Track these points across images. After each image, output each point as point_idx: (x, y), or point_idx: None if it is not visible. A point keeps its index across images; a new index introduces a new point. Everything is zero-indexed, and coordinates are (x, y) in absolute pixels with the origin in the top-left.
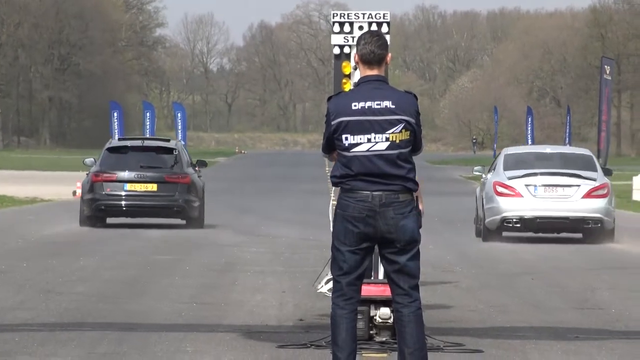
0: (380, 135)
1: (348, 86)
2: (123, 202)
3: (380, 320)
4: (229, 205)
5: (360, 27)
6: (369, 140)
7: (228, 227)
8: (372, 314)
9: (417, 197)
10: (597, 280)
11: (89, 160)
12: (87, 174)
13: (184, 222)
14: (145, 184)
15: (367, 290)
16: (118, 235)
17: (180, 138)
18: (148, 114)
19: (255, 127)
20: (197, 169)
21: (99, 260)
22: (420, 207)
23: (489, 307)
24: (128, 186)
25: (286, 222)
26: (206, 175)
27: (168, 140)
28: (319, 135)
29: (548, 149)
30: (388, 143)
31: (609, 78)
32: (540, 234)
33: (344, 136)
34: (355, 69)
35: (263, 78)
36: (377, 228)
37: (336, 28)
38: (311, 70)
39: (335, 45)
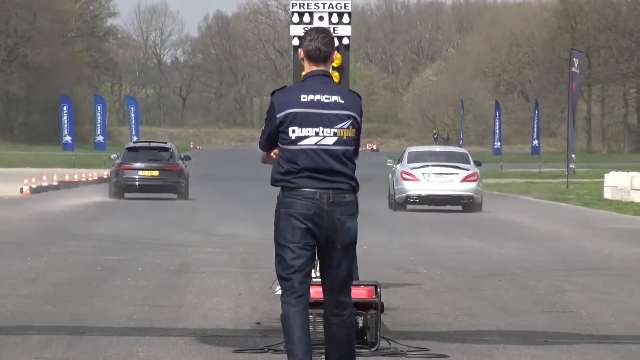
0: (329, 130)
1: None
2: (137, 183)
3: None
4: (182, 204)
5: (321, 18)
6: (317, 134)
7: (182, 227)
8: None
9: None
10: (567, 282)
11: (114, 156)
12: (113, 165)
13: (175, 196)
14: (151, 171)
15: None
16: (66, 235)
17: (133, 133)
18: (99, 108)
19: (211, 122)
20: (184, 161)
21: (47, 261)
22: None
23: (454, 310)
24: (140, 173)
25: (243, 221)
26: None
27: (166, 143)
28: None
29: (438, 149)
30: (336, 138)
31: (578, 71)
32: (433, 207)
33: (291, 129)
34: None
35: (219, 71)
36: (322, 228)
37: (296, 18)
38: (269, 62)
39: (294, 36)
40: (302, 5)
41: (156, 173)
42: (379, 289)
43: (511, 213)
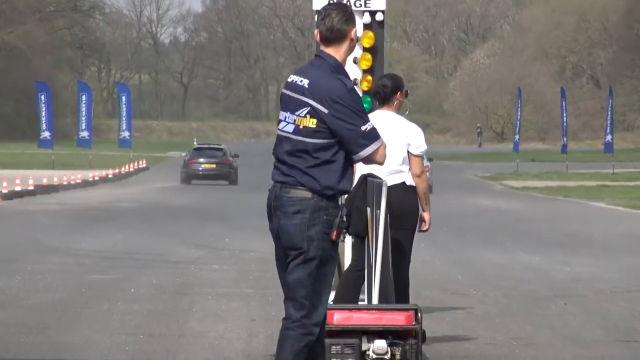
0: (291, 116)
1: None
2: (200, 172)
3: (375, 356)
4: (184, 211)
5: None
6: (285, 119)
7: (184, 239)
8: (364, 347)
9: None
10: None
11: (183, 154)
12: (183, 160)
13: (227, 182)
14: (210, 164)
15: (359, 318)
16: (43, 250)
17: (125, 127)
18: (84, 97)
19: (218, 114)
20: (234, 157)
21: (21, 281)
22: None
23: (511, 339)
24: (203, 165)
25: (256, 232)
26: (155, 172)
27: (220, 144)
28: None
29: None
30: (294, 126)
31: None
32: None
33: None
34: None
35: (227, 53)
36: (274, 225)
37: None
38: (288, 42)
39: (317, 11)
40: None
41: (213, 165)
42: (419, 314)
43: (578, 222)
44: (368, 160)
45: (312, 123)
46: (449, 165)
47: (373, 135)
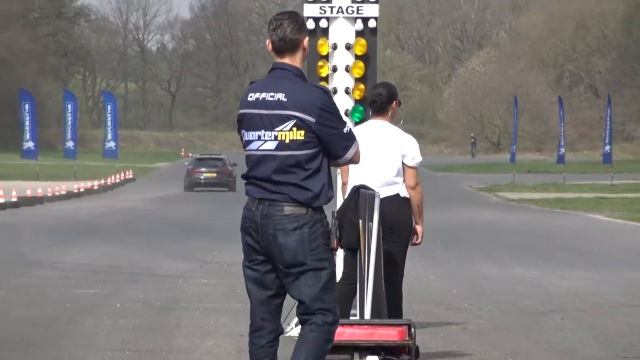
0: (269, 133)
1: (325, 70)
2: (202, 180)
3: None
4: (171, 224)
5: None
6: (259, 138)
7: (171, 252)
8: None
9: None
10: None
11: (186, 163)
12: (186, 169)
13: (226, 189)
14: (211, 173)
15: (351, 333)
16: (27, 263)
17: (111, 137)
18: (69, 107)
19: (206, 123)
20: (232, 166)
21: (4, 294)
22: (419, 230)
23: (506, 355)
24: (204, 174)
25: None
26: (142, 184)
27: (220, 154)
28: None
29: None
30: (276, 142)
31: None
32: None
33: (242, 132)
34: (333, 48)
35: (216, 60)
36: (259, 243)
37: None
38: None
39: (308, 17)
40: None
41: (214, 174)
42: (412, 329)
43: (576, 235)
44: (348, 161)
45: (299, 135)
46: (443, 176)
47: (352, 137)
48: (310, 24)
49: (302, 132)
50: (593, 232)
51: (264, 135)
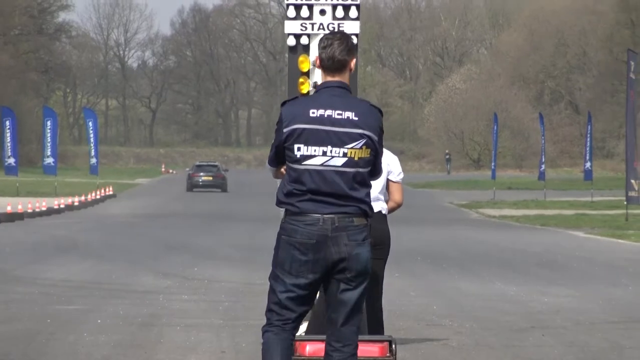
0: (337, 149)
1: (306, 87)
2: (200, 182)
3: None
4: (152, 240)
5: (322, 12)
6: (324, 153)
7: (151, 268)
8: None
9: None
10: (626, 336)
11: (187, 169)
12: (188, 174)
13: (220, 190)
14: (208, 177)
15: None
16: (6, 279)
17: (93, 154)
18: (49, 123)
19: (187, 140)
20: (224, 171)
21: None
22: None
23: None
24: (202, 178)
25: (226, 261)
26: (123, 200)
27: (215, 162)
28: (269, 151)
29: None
30: (345, 159)
31: (634, 77)
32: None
33: (296, 146)
34: (314, 65)
35: (197, 77)
36: (328, 255)
37: (291, 12)
38: (259, 66)
39: (289, 34)
40: None
41: (210, 178)
42: (393, 346)
43: (556, 251)
44: (375, 180)
45: (367, 153)
46: (423, 192)
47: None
48: (291, 41)
49: (369, 150)
50: (573, 248)
51: (331, 152)
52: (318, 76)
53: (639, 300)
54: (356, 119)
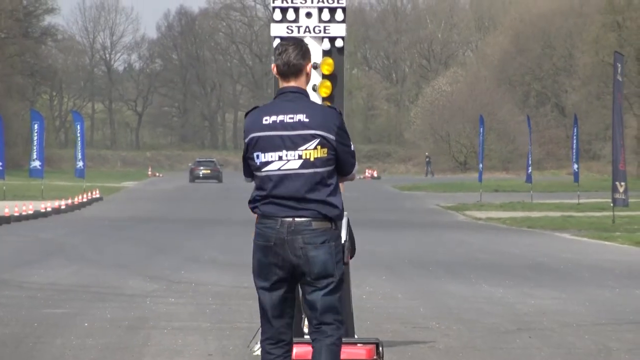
0: (292, 153)
1: None
2: (201, 175)
3: None
4: (139, 243)
5: (308, 14)
6: (280, 158)
7: (138, 272)
8: None
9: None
10: (614, 338)
11: (190, 164)
12: (190, 168)
13: (216, 181)
14: (206, 170)
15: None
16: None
17: (80, 157)
18: (36, 126)
19: (174, 143)
20: (221, 166)
21: None
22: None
23: None
24: (202, 171)
25: (213, 264)
26: (110, 203)
27: (212, 159)
28: None
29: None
30: (301, 161)
31: (621, 79)
32: None
33: (255, 154)
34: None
35: (183, 80)
36: (286, 257)
37: (277, 15)
38: (245, 69)
39: (275, 37)
40: None
41: (209, 171)
42: (380, 348)
43: (543, 253)
44: (350, 178)
45: (323, 152)
46: (410, 195)
47: (354, 153)
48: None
49: (325, 149)
50: (560, 250)
51: (286, 155)
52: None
53: (626, 302)
54: (307, 120)
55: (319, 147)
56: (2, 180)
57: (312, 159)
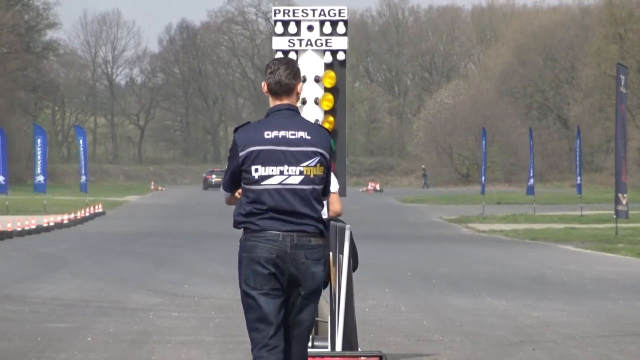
0: (294, 168)
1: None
2: (213, 183)
3: None
4: (142, 257)
5: (310, 27)
6: (281, 173)
7: (141, 286)
8: None
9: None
10: (617, 350)
11: (205, 172)
12: (204, 177)
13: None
14: (218, 178)
15: None
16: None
17: (83, 172)
18: (39, 141)
19: (176, 157)
20: None
21: None
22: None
23: None
24: (215, 179)
25: (216, 278)
26: (112, 218)
27: (224, 169)
28: None
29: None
30: (302, 177)
31: (624, 91)
32: None
33: (253, 167)
34: (303, 81)
35: (185, 94)
36: (284, 271)
37: (279, 28)
38: (247, 82)
39: (277, 50)
40: (286, 12)
41: (220, 179)
42: None
43: (546, 265)
44: (328, 197)
45: (321, 170)
46: (413, 207)
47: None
48: (279, 57)
49: (322, 168)
50: (563, 262)
51: (288, 170)
52: (307, 92)
53: (629, 314)
54: (309, 137)
55: (318, 164)
56: (5, 195)
57: (312, 176)
